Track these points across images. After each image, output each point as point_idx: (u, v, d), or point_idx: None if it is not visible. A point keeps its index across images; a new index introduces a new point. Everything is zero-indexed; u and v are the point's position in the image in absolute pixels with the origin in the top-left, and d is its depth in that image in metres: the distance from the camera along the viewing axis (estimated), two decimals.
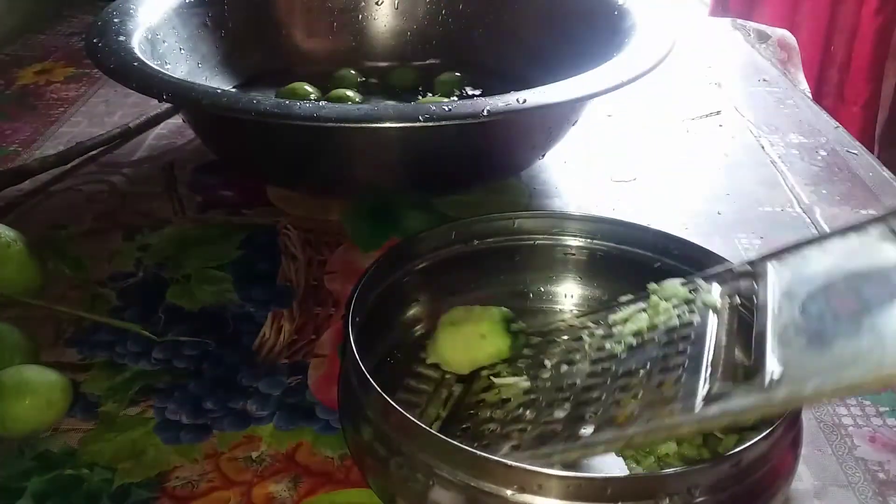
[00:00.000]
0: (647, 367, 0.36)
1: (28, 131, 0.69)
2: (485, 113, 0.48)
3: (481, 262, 0.46)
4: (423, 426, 0.33)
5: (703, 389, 0.32)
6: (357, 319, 0.38)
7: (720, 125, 0.72)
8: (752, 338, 0.34)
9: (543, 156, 0.61)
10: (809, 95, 0.84)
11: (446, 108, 0.48)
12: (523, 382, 0.39)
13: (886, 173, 0.65)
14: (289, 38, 0.74)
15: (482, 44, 0.74)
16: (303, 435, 0.40)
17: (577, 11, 0.68)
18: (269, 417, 0.41)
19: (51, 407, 0.40)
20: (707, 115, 0.74)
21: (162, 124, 0.69)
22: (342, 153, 0.54)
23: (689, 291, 0.39)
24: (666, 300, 0.39)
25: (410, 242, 0.45)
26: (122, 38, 0.57)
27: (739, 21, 0.97)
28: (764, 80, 0.82)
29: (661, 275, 0.42)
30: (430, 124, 0.47)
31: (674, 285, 0.40)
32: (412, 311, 0.45)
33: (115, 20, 0.60)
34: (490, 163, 0.58)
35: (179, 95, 0.51)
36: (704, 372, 0.33)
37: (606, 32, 0.62)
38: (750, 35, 0.93)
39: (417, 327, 0.45)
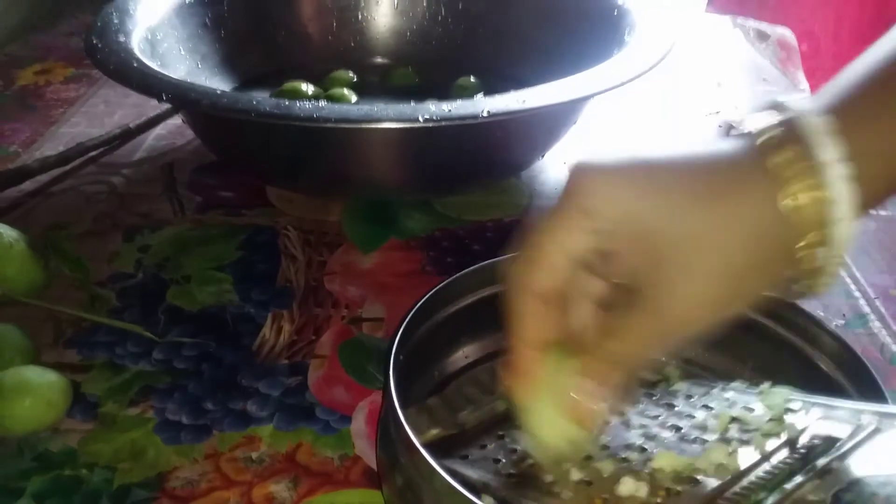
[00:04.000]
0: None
1: (28, 132, 0.69)
2: (485, 113, 0.47)
3: None
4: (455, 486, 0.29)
5: None
6: (400, 359, 0.36)
7: (720, 125, 0.72)
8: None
9: (543, 156, 0.61)
10: (809, 95, 0.84)
11: (446, 109, 0.48)
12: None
13: None
14: (288, 38, 0.74)
15: (482, 43, 0.74)
16: (302, 435, 0.40)
17: (577, 11, 0.68)
18: (268, 418, 0.41)
19: (50, 407, 0.40)
20: (707, 115, 0.74)
21: (161, 125, 0.69)
22: (342, 153, 0.54)
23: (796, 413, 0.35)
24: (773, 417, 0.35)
25: (452, 283, 0.41)
26: (121, 38, 0.57)
27: (739, 20, 0.96)
28: (764, 80, 0.82)
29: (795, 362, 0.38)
30: (430, 125, 0.47)
31: (785, 400, 0.35)
32: (459, 350, 0.42)
33: (115, 20, 0.60)
34: (490, 163, 0.58)
35: (179, 96, 0.51)
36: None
37: (606, 32, 0.62)
38: (750, 34, 0.93)
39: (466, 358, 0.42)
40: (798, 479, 0.31)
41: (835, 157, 0.27)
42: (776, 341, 0.39)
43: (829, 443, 0.33)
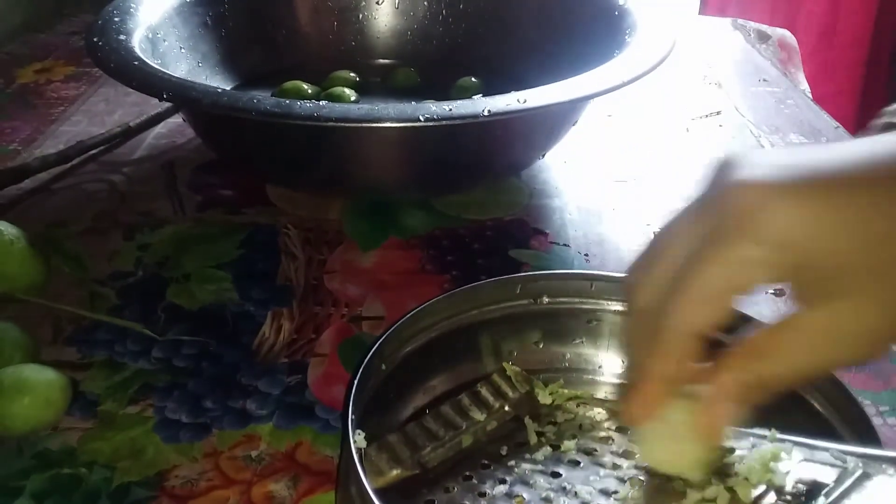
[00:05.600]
0: None
1: (28, 130, 0.69)
2: (485, 113, 0.47)
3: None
4: None
5: None
6: (361, 395, 0.34)
7: (720, 125, 0.72)
8: None
9: (543, 156, 0.61)
10: (809, 95, 0.84)
11: (447, 108, 0.48)
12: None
13: None
14: (289, 37, 0.74)
15: (483, 43, 0.74)
16: (302, 434, 0.40)
17: (577, 11, 0.68)
18: (268, 416, 0.41)
19: (50, 405, 0.40)
20: (707, 115, 0.74)
21: (162, 123, 0.69)
22: (342, 153, 0.54)
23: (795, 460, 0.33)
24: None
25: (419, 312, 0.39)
26: (122, 36, 0.57)
27: (740, 21, 0.96)
28: (764, 80, 0.82)
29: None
30: (431, 124, 0.47)
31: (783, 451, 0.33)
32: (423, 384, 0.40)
33: (116, 19, 0.60)
34: (490, 162, 0.58)
35: (179, 95, 0.51)
36: None
37: (607, 32, 0.62)
38: (750, 35, 0.93)
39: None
40: None
41: None
42: None
43: (816, 488, 0.31)
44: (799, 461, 0.32)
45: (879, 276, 0.25)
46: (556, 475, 0.34)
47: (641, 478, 0.33)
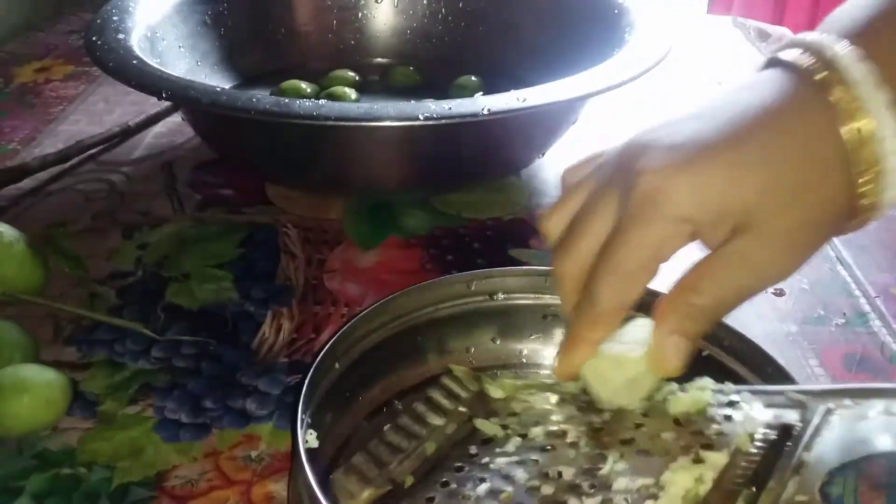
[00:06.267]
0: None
1: (27, 129, 0.69)
2: (485, 112, 0.47)
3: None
4: None
5: None
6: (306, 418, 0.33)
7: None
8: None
9: (543, 154, 0.61)
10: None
11: (446, 107, 0.48)
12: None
13: None
14: (288, 36, 0.74)
15: (482, 42, 0.74)
16: None
17: (577, 10, 0.68)
18: (268, 416, 0.41)
19: (49, 406, 0.40)
20: None
21: (161, 123, 0.69)
22: (342, 151, 0.54)
23: (722, 403, 0.34)
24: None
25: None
26: (121, 35, 0.57)
27: (739, 19, 0.96)
28: None
29: (706, 366, 0.36)
30: (430, 123, 0.47)
31: (706, 389, 0.34)
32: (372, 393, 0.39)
33: (115, 17, 0.60)
34: (490, 161, 0.58)
35: (179, 94, 0.51)
36: None
37: (606, 31, 0.62)
38: (750, 33, 0.93)
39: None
40: (772, 483, 0.30)
41: (888, 94, 0.29)
42: None
43: (786, 431, 0.32)
44: (762, 408, 0.33)
45: (768, 216, 0.30)
46: (534, 462, 0.33)
47: (619, 451, 0.33)
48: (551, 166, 0.64)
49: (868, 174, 0.29)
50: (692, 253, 0.32)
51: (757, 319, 0.48)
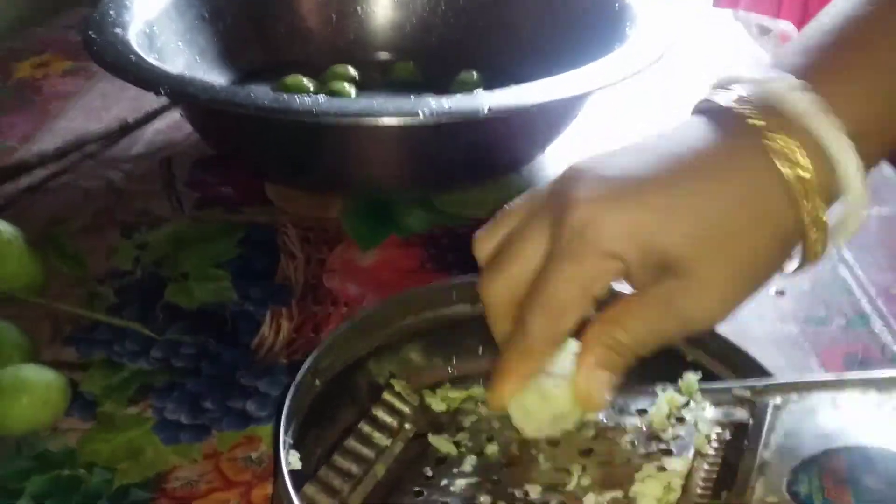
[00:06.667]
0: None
1: (25, 126, 0.69)
2: (485, 109, 0.47)
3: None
4: None
5: None
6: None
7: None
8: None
9: (544, 151, 0.61)
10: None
11: (446, 104, 0.47)
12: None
13: (888, 170, 0.64)
14: (288, 31, 0.74)
15: (483, 38, 0.73)
16: None
17: (578, 4, 0.68)
18: (268, 418, 0.41)
19: (49, 406, 0.40)
20: None
21: (160, 119, 0.69)
22: (341, 149, 0.53)
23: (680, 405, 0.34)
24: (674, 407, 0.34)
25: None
26: (118, 31, 0.57)
27: (741, 14, 0.96)
28: None
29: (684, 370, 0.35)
30: (431, 120, 0.47)
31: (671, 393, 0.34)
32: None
33: (112, 13, 0.59)
34: (490, 159, 0.58)
35: (177, 90, 0.50)
36: None
37: (607, 26, 0.62)
38: (752, 28, 0.93)
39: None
40: (738, 485, 0.29)
41: (833, 124, 0.28)
42: None
43: (739, 430, 0.32)
44: (710, 407, 0.33)
45: (695, 264, 0.29)
46: (496, 482, 0.32)
47: (581, 464, 0.32)
48: (552, 163, 0.63)
49: (805, 221, 0.29)
50: None
51: (758, 320, 0.48)
